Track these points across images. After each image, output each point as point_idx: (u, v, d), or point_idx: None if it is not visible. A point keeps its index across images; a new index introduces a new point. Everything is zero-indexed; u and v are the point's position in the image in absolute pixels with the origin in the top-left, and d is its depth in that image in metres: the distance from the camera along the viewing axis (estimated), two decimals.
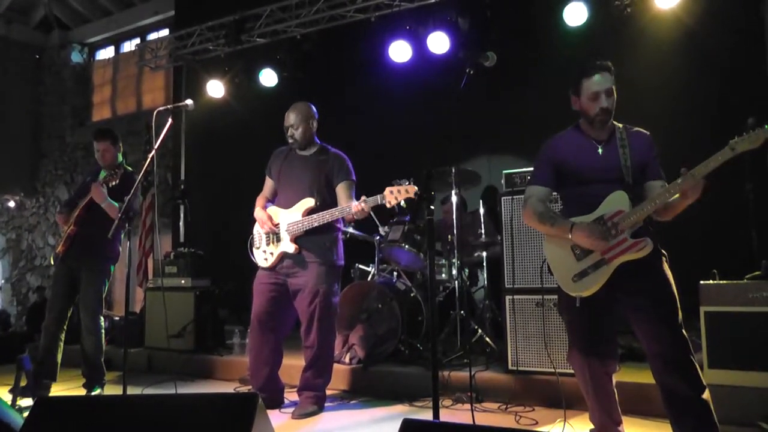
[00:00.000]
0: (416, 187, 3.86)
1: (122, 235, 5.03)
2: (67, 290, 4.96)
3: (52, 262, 5.09)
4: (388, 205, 3.95)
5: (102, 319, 4.94)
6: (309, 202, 4.36)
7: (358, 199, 4.17)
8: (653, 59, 6.01)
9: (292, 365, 4.90)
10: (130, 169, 5.14)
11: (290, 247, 4.37)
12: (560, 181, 3.30)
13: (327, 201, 4.39)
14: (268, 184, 4.71)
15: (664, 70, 6.03)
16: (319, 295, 4.33)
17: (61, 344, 4.95)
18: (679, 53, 6.03)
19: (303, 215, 4.35)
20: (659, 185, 3.07)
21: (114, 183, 4.72)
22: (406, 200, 3.92)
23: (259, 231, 4.57)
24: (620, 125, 3.22)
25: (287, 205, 4.47)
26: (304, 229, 4.33)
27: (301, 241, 4.38)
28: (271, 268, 4.47)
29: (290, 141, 4.53)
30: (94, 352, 4.89)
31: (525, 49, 6.65)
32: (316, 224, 4.28)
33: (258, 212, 4.55)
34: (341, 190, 4.43)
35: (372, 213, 4.37)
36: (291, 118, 4.53)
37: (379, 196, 3.99)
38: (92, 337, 4.88)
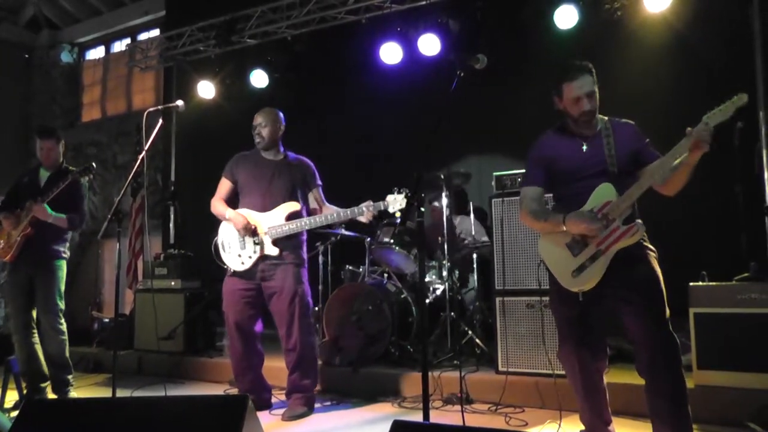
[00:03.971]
0: None
1: (69, 236, 5.02)
2: (26, 300, 4.87)
3: None
4: (391, 211, 4.10)
5: (63, 318, 4.89)
6: (294, 206, 4.44)
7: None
8: (643, 63, 6.03)
9: (272, 366, 4.90)
10: (72, 168, 5.04)
11: (273, 251, 4.40)
12: (551, 181, 3.33)
13: (302, 205, 4.55)
14: (226, 186, 4.69)
15: (653, 73, 6.05)
16: (297, 295, 4.40)
17: (38, 344, 4.90)
18: (668, 57, 6.05)
19: (285, 218, 4.40)
20: (658, 162, 3.05)
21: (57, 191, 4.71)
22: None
23: (229, 234, 4.53)
24: (605, 118, 3.26)
25: (260, 208, 4.48)
26: (291, 232, 4.39)
27: (280, 243, 4.43)
28: (246, 272, 4.47)
29: (257, 140, 4.59)
30: (59, 352, 4.85)
31: (516, 51, 6.66)
32: (306, 228, 4.41)
33: (234, 214, 4.49)
34: (316, 194, 4.62)
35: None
36: (259, 118, 4.61)
37: (382, 202, 4.14)
38: (57, 336, 4.83)
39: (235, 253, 4.50)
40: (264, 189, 4.51)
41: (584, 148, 3.20)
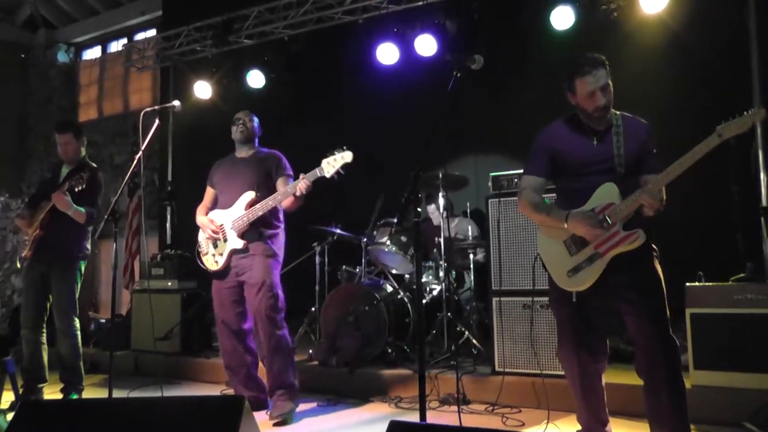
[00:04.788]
0: (351, 153, 4.10)
1: (89, 233, 4.98)
2: (38, 296, 4.87)
3: (18, 266, 4.98)
4: (327, 176, 4.10)
5: (77, 321, 4.87)
6: (250, 195, 4.41)
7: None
8: (640, 63, 6.03)
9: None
10: (93, 165, 5.06)
11: (239, 243, 4.40)
12: (555, 172, 3.28)
13: (268, 195, 4.42)
14: (209, 194, 4.78)
15: (650, 74, 6.06)
16: (264, 286, 4.34)
17: (45, 345, 4.90)
18: (665, 58, 6.06)
19: (245, 209, 4.39)
20: (653, 179, 3.02)
21: (80, 188, 4.66)
22: (344, 167, 4.11)
23: (203, 238, 4.61)
24: (618, 113, 3.19)
25: (228, 205, 4.51)
26: (250, 221, 4.36)
27: (247, 235, 4.41)
28: (224, 270, 4.49)
29: (241, 130, 4.62)
30: (70, 355, 4.83)
31: (512, 52, 6.66)
32: (260, 213, 4.32)
33: (200, 218, 4.62)
34: (281, 185, 4.49)
35: None
36: (240, 114, 4.71)
37: (317, 169, 4.14)
38: (68, 340, 4.82)
39: (210, 254, 4.55)
40: (232, 187, 4.54)
41: (594, 143, 3.14)
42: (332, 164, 4.10)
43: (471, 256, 5.78)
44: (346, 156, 4.11)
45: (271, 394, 4.48)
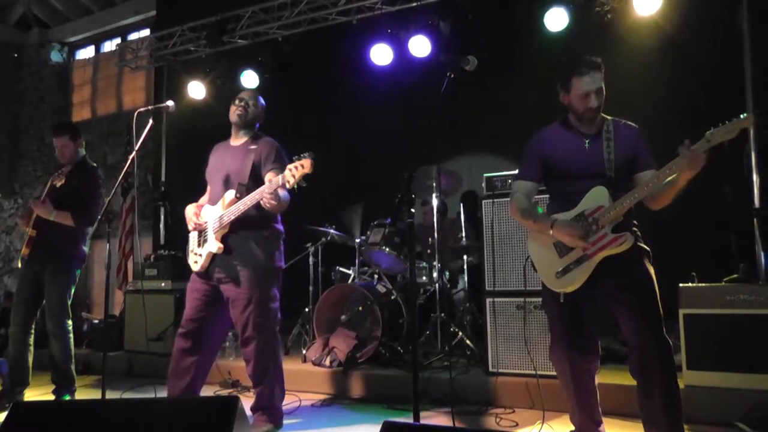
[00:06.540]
0: (310, 161, 3.45)
1: (87, 238, 4.94)
2: (31, 295, 4.83)
3: (20, 265, 4.96)
4: (287, 186, 3.53)
5: (69, 324, 4.81)
6: (230, 196, 3.88)
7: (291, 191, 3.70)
8: (633, 65, 6.05)
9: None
10: (93, 165, 5.04)
11: (214, 246, 3.89)
12: (547, 176, 3.32)
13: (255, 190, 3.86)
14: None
15: (643, 76, 6.08)
16: (252, 302, 3.83)
17: (31, 348, 4.85)
18: (658, 60, 6.09)
19: (223, 209, 3.90)
20: (651, 174, 3.04)
21: (60, 183, 4.68)
22: (305, 177, 3.49)
23: (191, 232, 4.16)
24: (609, 118, 3.23)
25: (215, 200, 4.05)
26: (225, 224, 3.87)
27: (229, 240, 3.92)
28: (202, 272, 3.99)
29: (239, 112, 4.13)
30: (61, 358, 4.78)
31: (506, 53, 6.67)
32: (233, 217, 3.82)
33: (187, 208, 4.14)
34: (270, 178, 3.84)
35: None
36: (245, 95, 4.23)
37: (280, 176, 3.57)
38: (59, 343, 4.76)
39: (193, 251, 4.09)
40: (218, 179, 4.06)
41: (586, 146, 3.18)
42: (293, 173, 3.48)
43: (464, 256, 5.80)
44: (305, 165, 3.46)
45: (253, 411, 3.99)
